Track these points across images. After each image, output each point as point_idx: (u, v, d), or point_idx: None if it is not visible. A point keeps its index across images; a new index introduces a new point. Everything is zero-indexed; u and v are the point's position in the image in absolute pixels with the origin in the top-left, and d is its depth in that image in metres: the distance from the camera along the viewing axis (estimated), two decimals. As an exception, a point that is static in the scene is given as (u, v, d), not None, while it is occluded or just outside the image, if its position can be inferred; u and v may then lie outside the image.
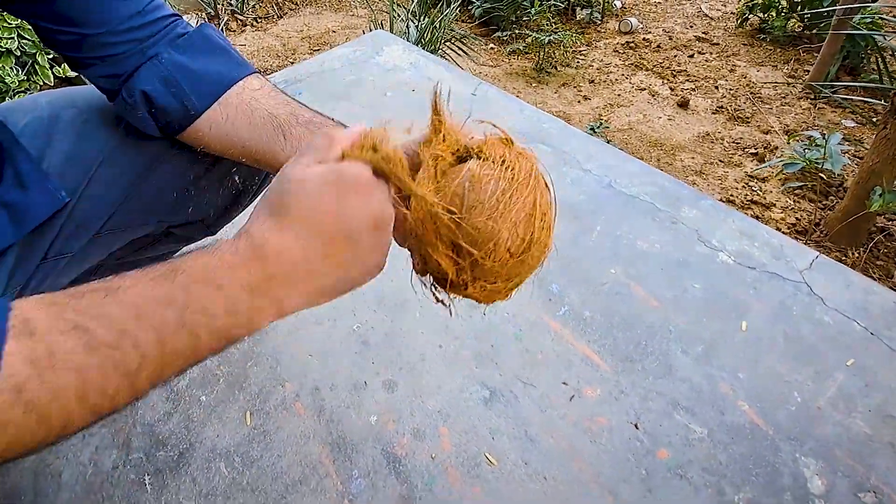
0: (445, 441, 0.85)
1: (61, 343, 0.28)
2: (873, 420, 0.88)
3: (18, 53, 1.84)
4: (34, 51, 1.87)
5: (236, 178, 0.74)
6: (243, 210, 0.81)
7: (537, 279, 1.09)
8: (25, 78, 1.85)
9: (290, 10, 3.72)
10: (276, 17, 3.59)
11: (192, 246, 0.84)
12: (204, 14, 3.39)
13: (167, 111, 0.60)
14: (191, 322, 0.31)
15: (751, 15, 3.34)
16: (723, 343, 0.98)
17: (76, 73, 0.53)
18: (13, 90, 1.79)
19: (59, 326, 0.29)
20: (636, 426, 0.87)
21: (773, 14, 3.28)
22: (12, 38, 1.74)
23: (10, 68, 1.79)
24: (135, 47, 0.59)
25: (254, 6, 3.60)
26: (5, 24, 1.71)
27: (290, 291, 0.35)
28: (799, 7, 3.21)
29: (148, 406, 0.89)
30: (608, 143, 2.27)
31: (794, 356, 0.96)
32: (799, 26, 3.27)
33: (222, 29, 3.30)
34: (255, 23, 3.51)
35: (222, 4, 3.41)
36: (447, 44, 2.73)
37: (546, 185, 0.41)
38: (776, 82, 2.88)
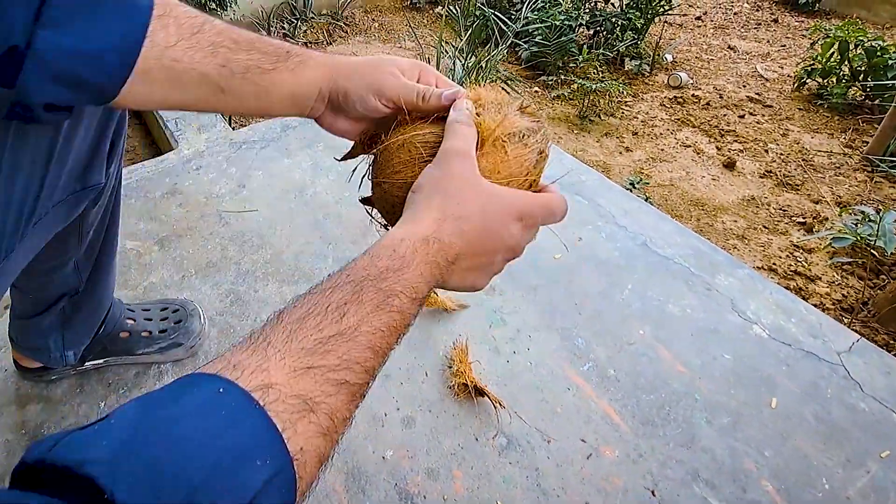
0: (458, 484, 0.89)
1: (334, 403, 0.37)
2: (905, 517, 0.89)
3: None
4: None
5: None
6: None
7: (564, 332, 1.14)
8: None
9: (340, 37, 3.96)
10: (325, 43, 3.83)
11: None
12: (255, 35, 3.65)
13: (80, 104, 0.53)
14: (400, 334, 0.44)
15: (809, 79, 3.42)
16: (750, 417, 1.01)
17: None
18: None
19: (327, 390, 0.36)
20: (653, 493, 0.90)
21: (833, 80, 3.35)
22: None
23: None
24: None
25: (305, 31, 3.86)
26: None
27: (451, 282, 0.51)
28: (861, 76, 3.27)
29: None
30: (647, 199, 2.33)
31: (825, 440, 0.99)
32: (860, 95, 3.32)
33: (271, 51, 3.55)
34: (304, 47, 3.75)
35: (275, 28, 3.66)
36: (491, 84, 2.87)
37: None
38: (831, 151, 2.92)
